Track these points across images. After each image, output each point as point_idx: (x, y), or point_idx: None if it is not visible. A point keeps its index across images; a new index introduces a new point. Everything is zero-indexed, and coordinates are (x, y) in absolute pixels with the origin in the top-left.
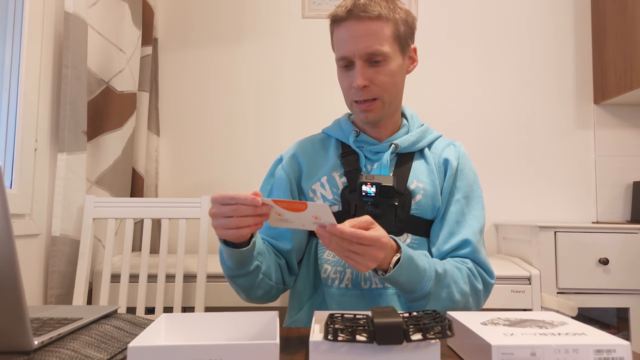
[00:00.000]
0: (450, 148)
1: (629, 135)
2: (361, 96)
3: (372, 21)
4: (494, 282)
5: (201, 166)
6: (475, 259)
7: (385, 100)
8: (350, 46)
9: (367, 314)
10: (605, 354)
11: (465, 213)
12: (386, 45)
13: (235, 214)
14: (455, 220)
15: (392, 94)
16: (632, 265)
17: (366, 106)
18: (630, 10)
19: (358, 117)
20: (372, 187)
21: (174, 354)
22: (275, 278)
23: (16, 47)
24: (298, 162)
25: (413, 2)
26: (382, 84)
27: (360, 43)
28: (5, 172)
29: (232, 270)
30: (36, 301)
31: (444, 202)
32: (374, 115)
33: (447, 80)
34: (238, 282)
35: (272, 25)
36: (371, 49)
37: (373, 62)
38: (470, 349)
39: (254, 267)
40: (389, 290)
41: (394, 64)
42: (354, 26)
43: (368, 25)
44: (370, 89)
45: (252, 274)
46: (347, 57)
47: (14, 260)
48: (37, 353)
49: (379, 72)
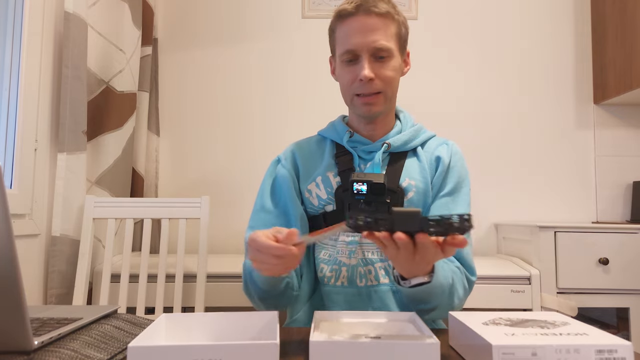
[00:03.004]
0: (443, 146)
1: (628, 135)
2: (366, 89)
3: (380, 17)
4: (475, 280)
5: (201, 166)
6: (459, 257)
7: (387, 95)
8: (357, 39)
9: None
10: (606, 354)
11: (451, 209)
12: (391, 42)
13: (271, 262)
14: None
15: (392, 90)
16: (632, 265)
17: (370, 99)
18: (630, 10)
19: (359, 111)
20: (364, 185)
21: (174, 354)
22: (296, 286)
23: (16, 47)
24: (295, 162)
25: (413, 2)
26: (386, 79)
27: (368, 37)
28: (5, 172)
29: (264, 293)
30: (36, 301)
31: (432, 197)
32: (376, 109)
33: (447, 80)
34: (267, 303)
35: (272, 25)
36: (379, 44)
37: (378, 57)
38: (471, 349)
39: (284, 284)
40: (383, 287)
41: (396, 61)
42: (363, 20)
43: (376, 21)
44: (375, 83)
45: (282, 292)
46: (353, 50)
47: (14, 260)
48: (37, 353)
49: (384, 67)
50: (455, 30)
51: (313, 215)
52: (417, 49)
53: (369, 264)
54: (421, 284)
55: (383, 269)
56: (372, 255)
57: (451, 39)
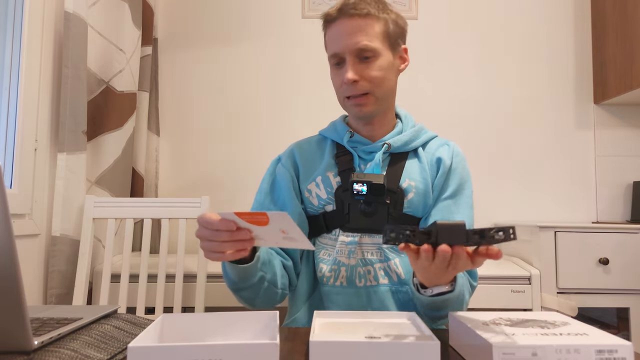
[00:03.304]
0: (444, 147)
1: (629, 135)
2: (352, 91)
3: (361, 18)
4: (477, 286)
5: (201, 166)
6: None
7: (377, 95)
8: (341, 43)
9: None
10: (607, 355)
11: (453, 212)
12: (376, 42)
13: (215, 239)
14: (442, 218)
15: (383, 90)
16: (632, 265)
17: (358, 100)
18: (630, 10)
19: (351, 113)
20: (363, 185)
21: (174, 354)
22: (281, 284)
23: (16, 47)
24: (295, 162)
25: (413, 2)
26: (373, 79)
27: (350, 39)
28: (5, 172)
29: (235, 284)
30: (36, 301)
31: (433, 199)
32: (368, 110)
33: (447, 79)
34: (242, 295)
35: (271, 25)
36: (361, 44)
37: (363, 57)
38: (472, 349)
39: (257, 278)
40: (383, 287)
41: (383, 60)
42: (344, 23)
43: (358, 22)
44: (360, 84)
45: (256, 285)
46: (338, 53)
47: (14, 260)
48: (37, 353)
49: (369, 67)
50: (455, 30)
51: (313, 215)
52: (417, 49)
53: (368, 264)
54: (443, 293)
55: (382, 269)
56: (372, 256)
57: (451, 38)
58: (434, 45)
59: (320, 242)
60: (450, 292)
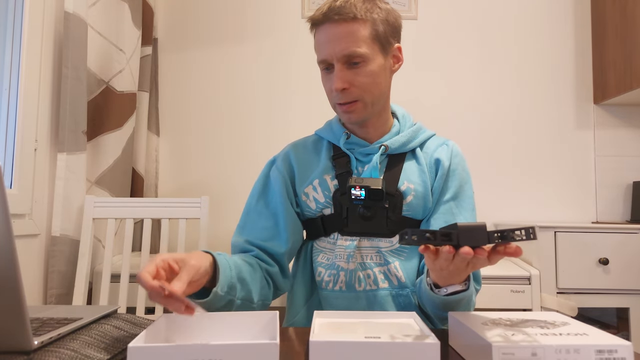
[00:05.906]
0: (442, 147)
1: (628, 135)
2: (342, 99)
3: (347, 23)
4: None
5: (201, 166)
6: None
7: (366, 101)
8: (327, 49)
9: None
10: (606, 355)
11: (455, 214)
12: (364, 47)
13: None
14: (444, 221)
15: (373, 95)
16: (632, 265)
17: (347, 107)
18: (630, 10)
19: (343, 119)
20: (361, 190)
21: (174, 354)
22: (260, 297)
23: (16, 47)
24: (291, 165)
25: (413, 2)
26: (362, 85)
27: (336, 46)
28: (5, 172)
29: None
30: (36, 301)
31: (434, 202)
32: (357, 116)
33: (447, 79)
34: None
35: (271, 25)
36: (348, 51)
37: (352, 63)
38: (471, 349)
39: (224, 303)
40: (382, 292)
41: (374, 65)
42: (330, 29)
43: (343, 28)
44: (350, 91)
45: (226, 307)
46: (325, 60)
47: (14, 260)
48: (37, 353)
49: (359, 73)
50: (455, 30)
51: (311, 218)
52: (417, 49)
53: (367, 269)
54: (457, 292)
55: (382, 273)
56: (371, 260)
57: (451, 39)
58: (434, 45)
59: (318, 245)
60: (464, 291)
